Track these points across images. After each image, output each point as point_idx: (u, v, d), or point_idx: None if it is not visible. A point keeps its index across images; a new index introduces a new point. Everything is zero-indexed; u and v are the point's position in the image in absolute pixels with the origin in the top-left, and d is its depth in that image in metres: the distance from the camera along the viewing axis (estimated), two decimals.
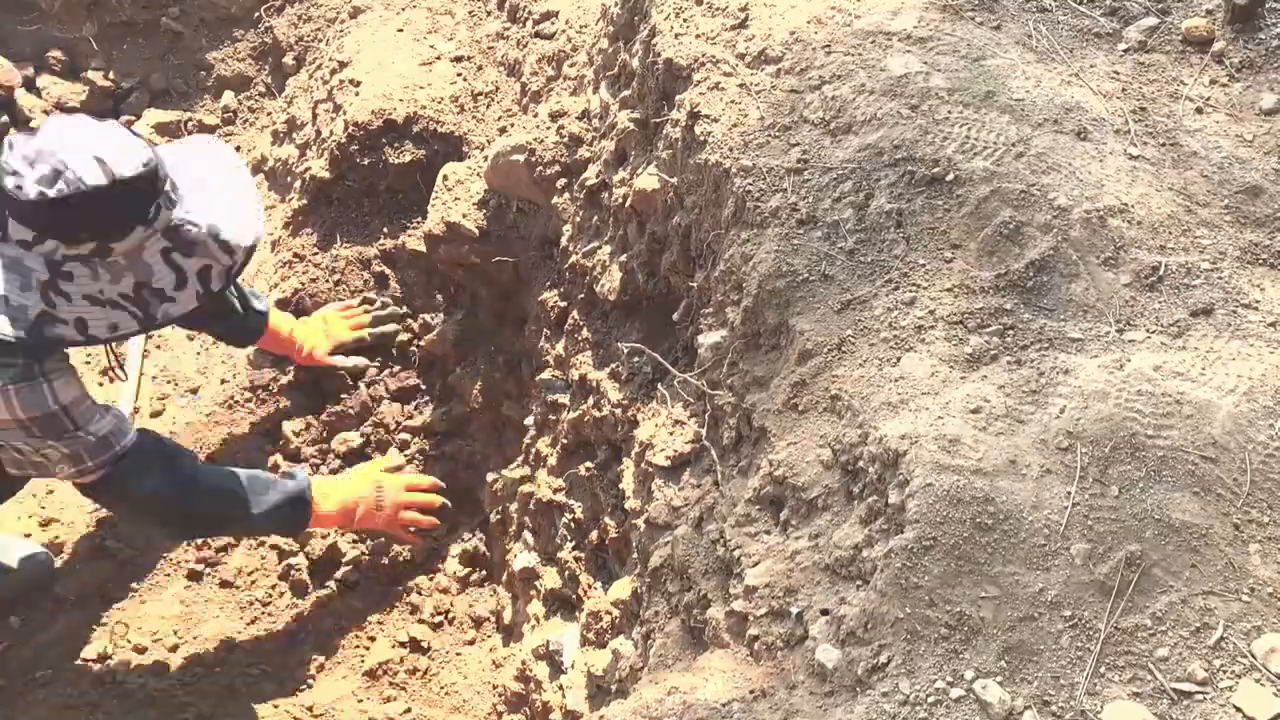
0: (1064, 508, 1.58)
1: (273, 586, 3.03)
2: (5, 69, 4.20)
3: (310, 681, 2.86)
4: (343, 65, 3.79)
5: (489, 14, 3.86)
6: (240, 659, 2.88)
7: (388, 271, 3.50)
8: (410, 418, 3.33)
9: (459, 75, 3.64)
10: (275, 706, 2.79)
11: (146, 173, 2.18)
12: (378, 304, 3.44)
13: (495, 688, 2.80)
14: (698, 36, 2.40)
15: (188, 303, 2.32)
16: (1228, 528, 1.57)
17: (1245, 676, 1.44)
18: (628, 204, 2.53)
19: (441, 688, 2.87)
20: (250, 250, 2.38)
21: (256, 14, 4.45)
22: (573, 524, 2.65)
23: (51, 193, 2.09)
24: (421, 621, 2.98)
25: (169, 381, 3.52)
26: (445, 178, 3.18)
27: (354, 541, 3.08)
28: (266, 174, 4.14)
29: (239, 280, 2.93)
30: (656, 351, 2.40)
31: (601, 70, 2.88)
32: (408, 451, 3.26)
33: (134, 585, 3.00)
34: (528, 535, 2.85)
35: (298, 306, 3.45)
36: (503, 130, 3.39)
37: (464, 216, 3.06)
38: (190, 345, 3.60)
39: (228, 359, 3.53)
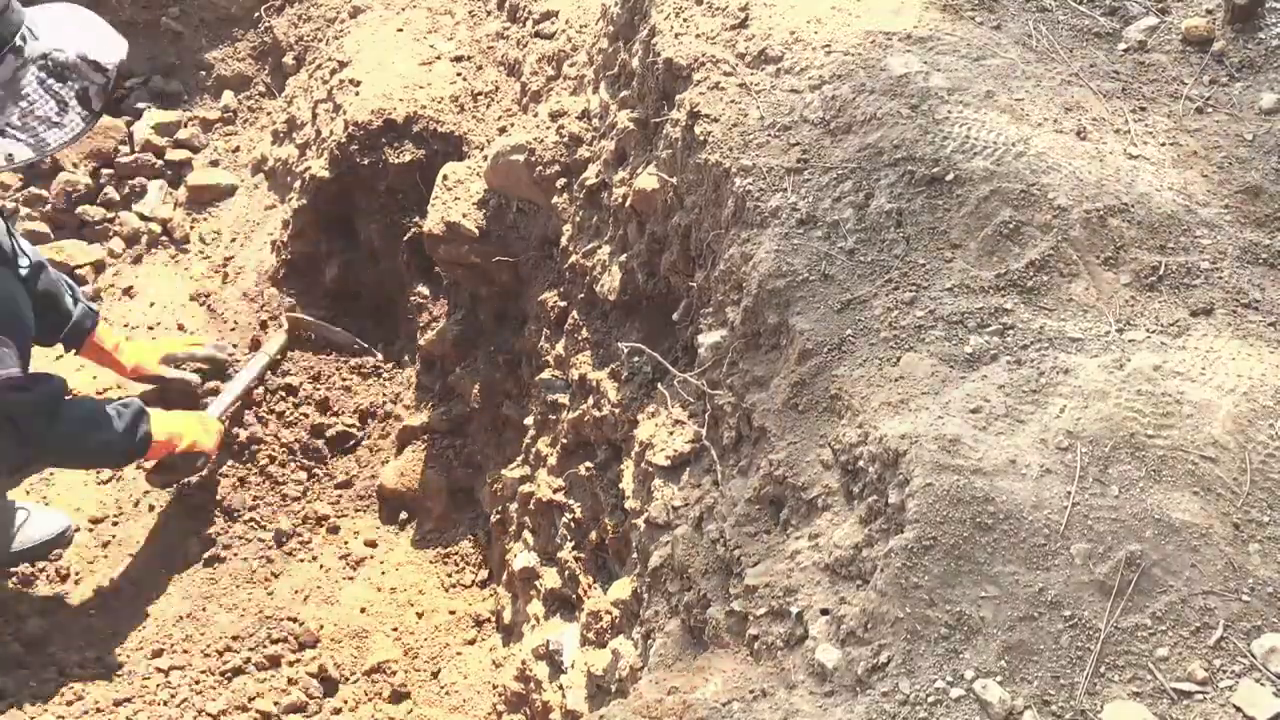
0: (1064, 507, 1.58)
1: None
2: None
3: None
4: (343, 65, 3.79)
5: (489, 14, 3.86)
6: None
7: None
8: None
9: (459, 75, 3.64)
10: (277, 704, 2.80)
11: (7, 2, 2.31)
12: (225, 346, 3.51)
13: (495, 688, 2.79)
14: (698, 36, 2.40)
15: (74, 125, 2.43)
16: (1228, 528, 1.57)
17: (1245, 676, 1.44)
18: (628, 204, 2.53)
19: (441, 688, 2.88)
20: (117, 67, 2.48)
21: (256, 14, 4.45)
22: (573, 524, 2.65)
23: None
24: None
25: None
26: (445, 178, 3.18)
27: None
28: (266, 174, 4.14)
29: (76, 286, 3.02)
30: (656, 351, 2.40)
31: (601, 70, 2.88)
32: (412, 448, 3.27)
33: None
34: (528, 535, 2.85)
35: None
36: (503, 130, 3.39)
37: (464, 216, 3.06)
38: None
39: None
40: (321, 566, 3.15)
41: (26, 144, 2.39)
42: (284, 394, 3.45)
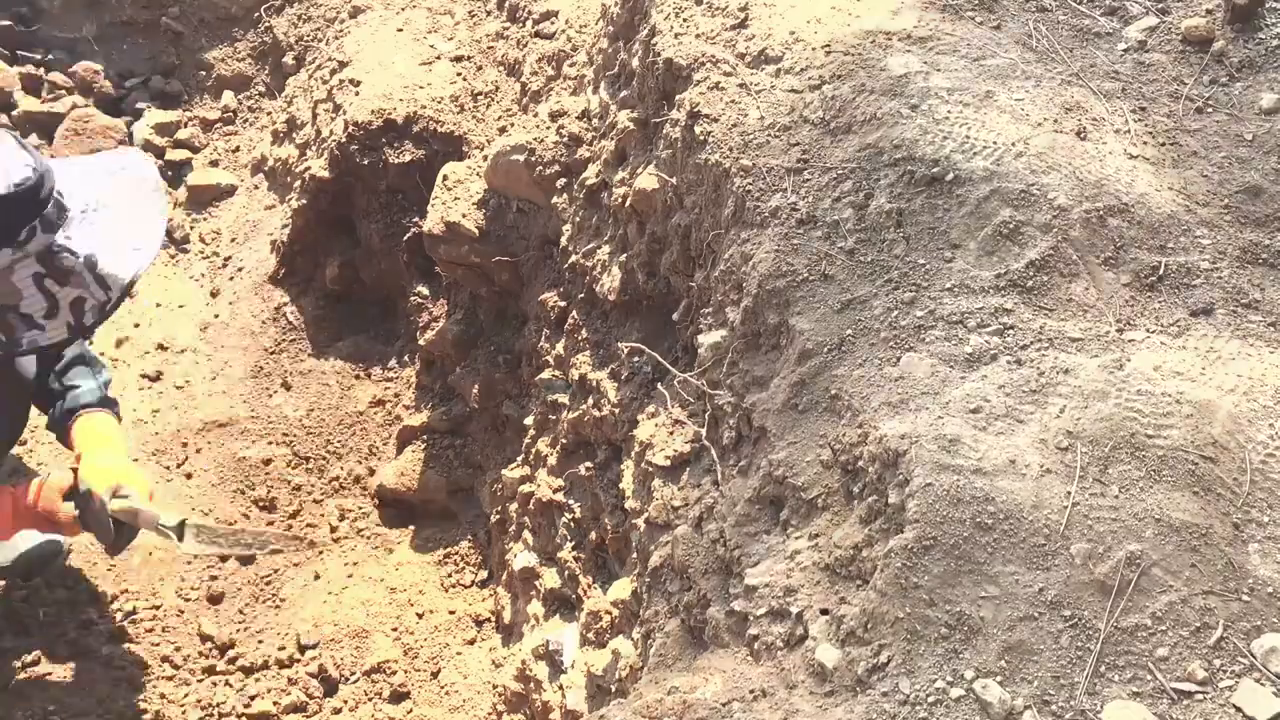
0: (1064, 507, 1.58)
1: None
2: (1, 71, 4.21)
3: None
4: (343, 65, 3.80)
5: (489, 14, 3.86)
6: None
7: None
8: None
9: (459, 75, 3.64)
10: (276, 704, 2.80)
11: (18, 193, 2.08)
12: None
13: (495, 688, 2.79)
14: (698, 36, 2.40)
15: (57, 333, 2.20)
16: (1228, 528, 1.57)
17: (1245, 676, 1.44)
18: (628, 204, 2.53)
19: (441, 688, 2.87)
20: (126, 288, 2.23)
21: (256, 14, 4.45)
22: (573, 524, 2.65)
23: None
24: None
25: None
26: (445, 178, 3.18)
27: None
28: (266, 174, 4.14)
29: (90, 351, 2.70)
30: (656, 351, 2.40)
31: (601, 70, 2.88)
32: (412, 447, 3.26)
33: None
34: (528, 535, 2.85)
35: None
36: (503, 130, 3.39)
37: (464, 216, 3.06)
38: None
39: None
40: (322, 566, 3.15)
41: None
42: None
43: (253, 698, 2.80)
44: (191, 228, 4.08)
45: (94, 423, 2.59)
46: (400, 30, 3.85)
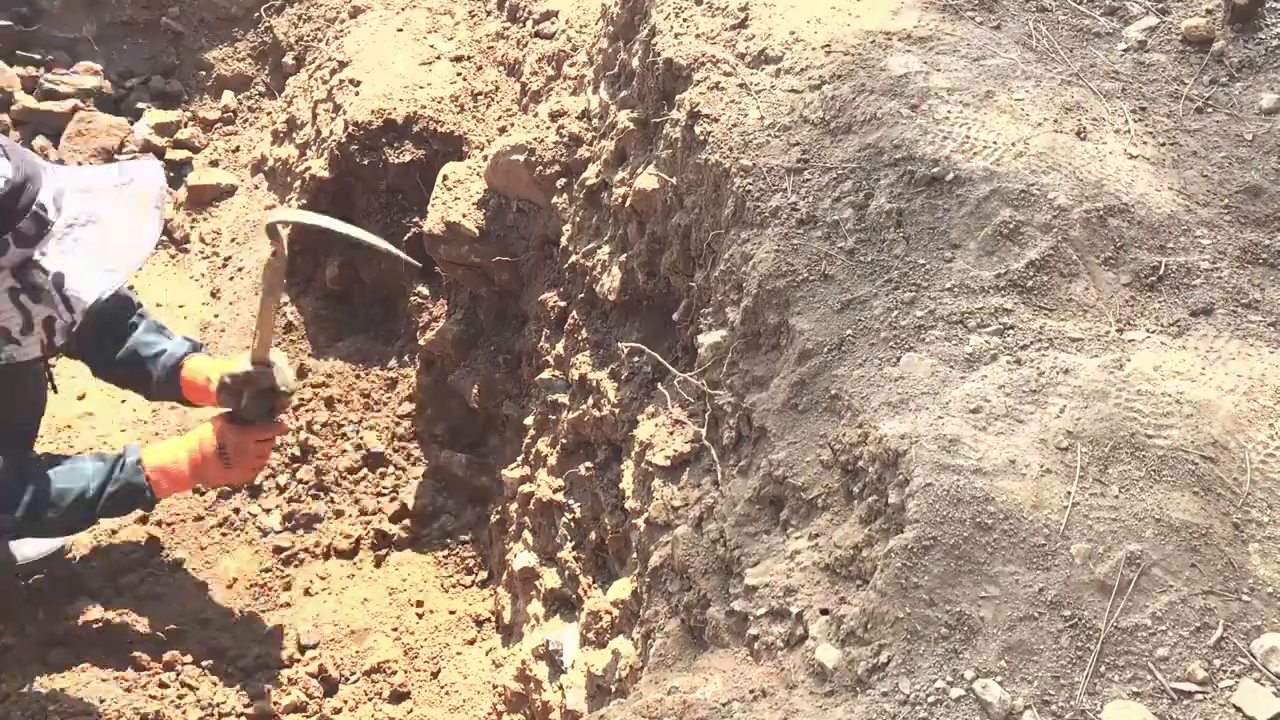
0: (1064, 507, 1.58)
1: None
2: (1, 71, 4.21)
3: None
4: (343, 65, 3.80)
5: (489, 14, 3.87)
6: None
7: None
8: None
9: (459, 75, 3.64)
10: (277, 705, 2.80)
11: None
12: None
13: (495, 688, 2.79)
14: (698, 36, 2.40)
15: (32, 350, 2.18)
16: (1228, 527, 1.57)
17: (1245, 676, 1.44)
18: (628, 204, 2.53)
19: (441, 688, 2.87)
20: (91, 311, 2.19)
21: (256, 14, 4.45)
22: (573, 524, 2.65)
23: None
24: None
25: None
26: (445, 178, 3.18)
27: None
28: (266, 174, 4.14)
29: (151, 318, 2.72)
30: (656, 351, 2.40)
31: (601, 70, 2.88)
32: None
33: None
34: (528, 535, 2.85)
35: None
36: (503, 130, 3.39)
37: (464, 216, 3.06)
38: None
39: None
40: (322, 566, 3.15)
41: None
42: None
43: (253, 698, 2.80)
44: (191, 228, 4.08)
45: (198, 360, 2.73)
46: (400, 30, 3.85)
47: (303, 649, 2.94)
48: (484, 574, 3.15)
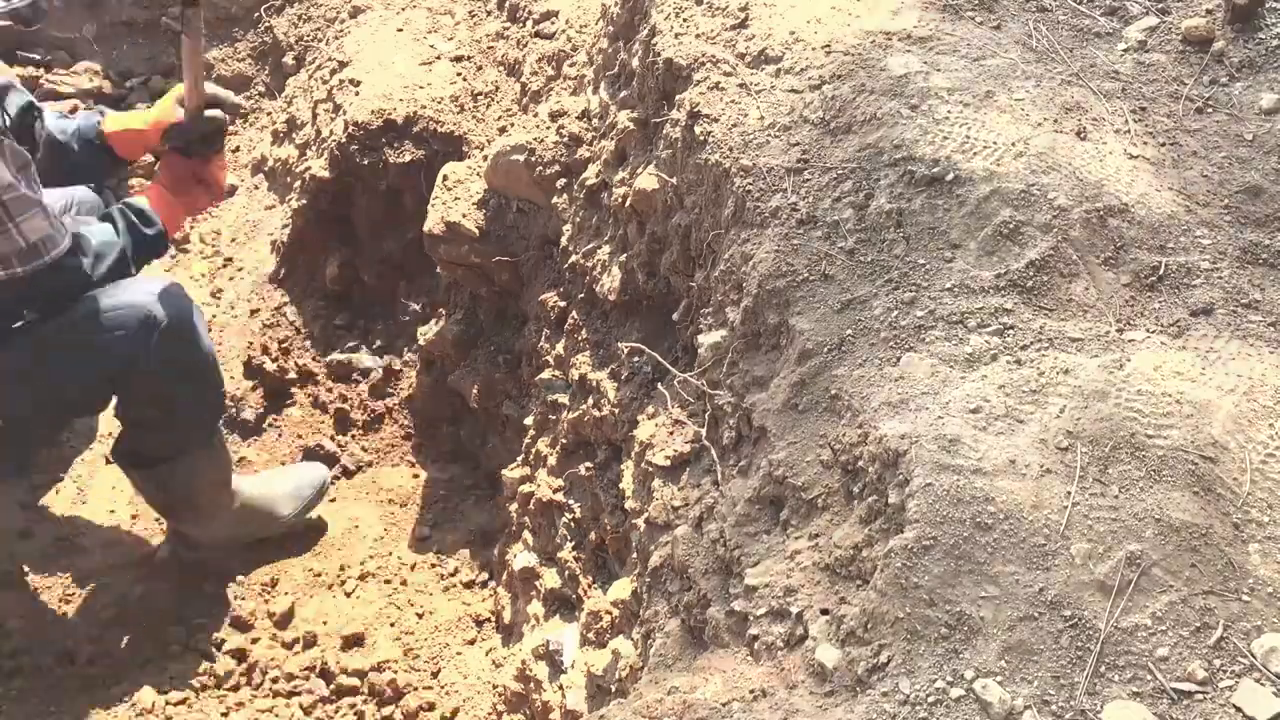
0: (1064, 507, 1.58)
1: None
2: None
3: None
4: (343, 65, 3.80)
5: (489, 14, 3.87)
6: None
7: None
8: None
9: (459, 75, 3.64)
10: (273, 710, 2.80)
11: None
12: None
13: (495, 688, 2.79)
14: (698, 36, 2.40)
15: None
16: (1228, 528, 1.57)
17: (1245, 676, 1.44)
18: (628, 204, 2.53)
19: (441, 688, 2.87)
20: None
21: (256, 14, 4.45)
22: (573, 524, 2.65)
23: None
24: None
25: None
26: (445, 178, 3.18)
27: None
28: (266, 174, 4.14)
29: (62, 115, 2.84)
30: (656, 351, 2.40)
31: (601, 70, 2.88)
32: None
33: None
34: (528, 535, 2.85)
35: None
36: (503, 130, 3.39)
37: (464, 216, 3.06)
38: None
39: None
40: (321, 565, 3.15)
41: None
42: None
43: (252, 698, 2.80)
44: (191, 228, 4.08)
45: (116, 115, 2.90)
46: (400, 30, 3.85)
47: (303, 649, 2.93)
48: (484, 574, 3.15)
